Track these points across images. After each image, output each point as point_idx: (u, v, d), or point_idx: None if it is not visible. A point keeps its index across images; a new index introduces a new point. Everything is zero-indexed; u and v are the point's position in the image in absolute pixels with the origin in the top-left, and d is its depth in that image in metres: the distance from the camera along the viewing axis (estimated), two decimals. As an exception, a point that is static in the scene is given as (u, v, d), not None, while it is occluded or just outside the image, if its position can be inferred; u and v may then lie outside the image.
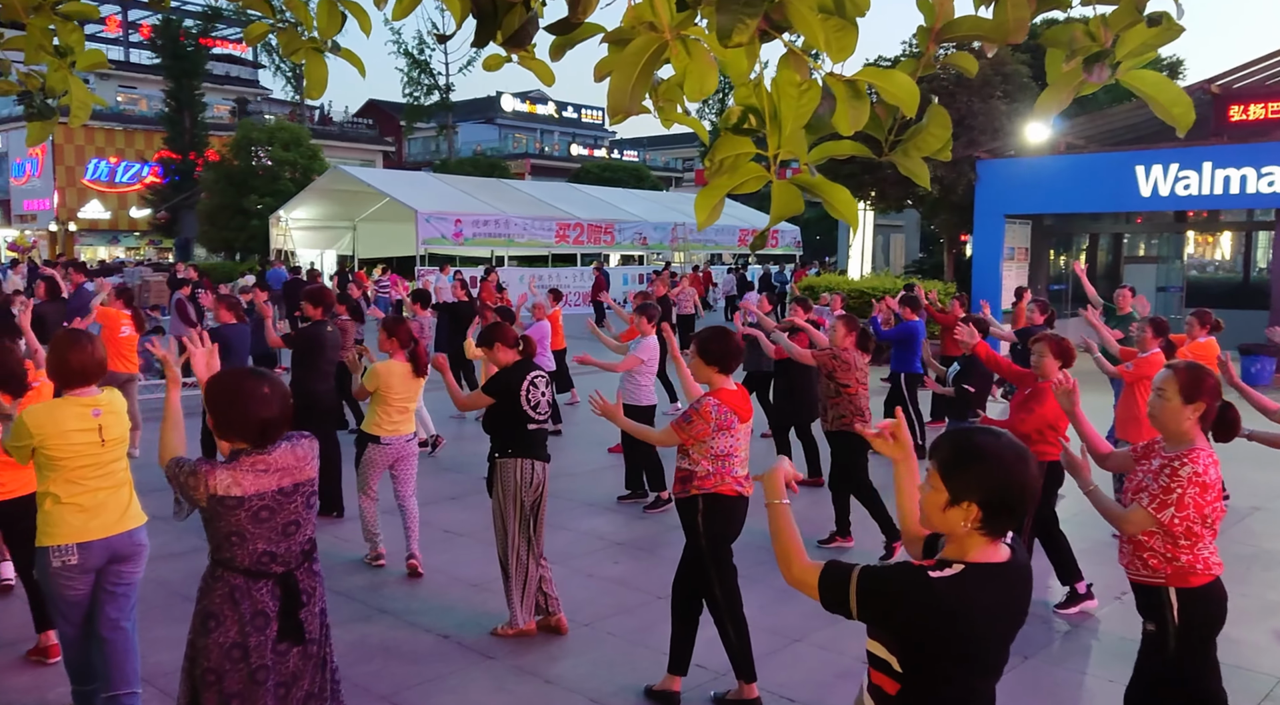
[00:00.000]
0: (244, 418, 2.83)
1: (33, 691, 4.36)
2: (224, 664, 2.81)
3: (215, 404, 2.88)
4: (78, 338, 3.81)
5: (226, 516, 2.82)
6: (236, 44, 49.10)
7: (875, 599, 2.04)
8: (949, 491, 2.03)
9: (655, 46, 1.31)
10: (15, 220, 45.16)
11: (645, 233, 30.40)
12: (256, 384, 2.87)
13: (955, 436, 2.13)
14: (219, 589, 2.85)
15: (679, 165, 65.16)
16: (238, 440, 2.87)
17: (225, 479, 2.79)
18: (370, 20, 2.10)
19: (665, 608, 5.44)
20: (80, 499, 3.70)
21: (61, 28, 2.08)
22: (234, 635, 2.82)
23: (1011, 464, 2.03)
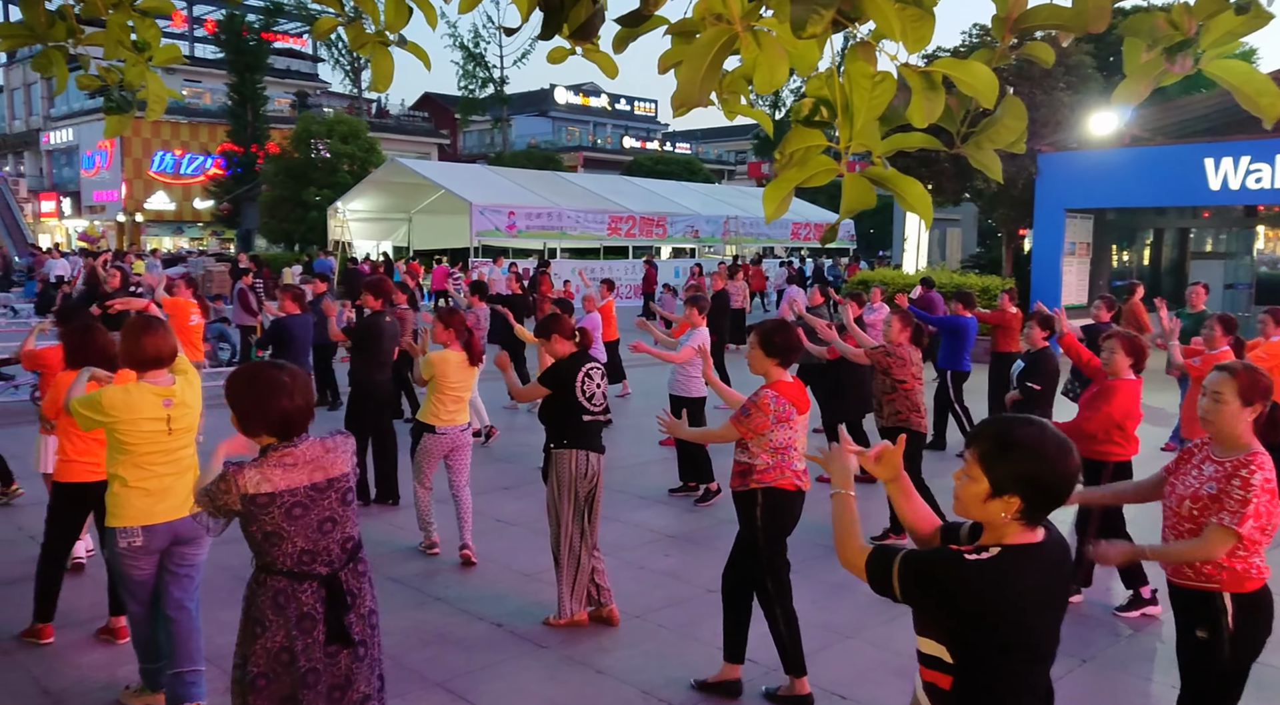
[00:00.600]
0: (265, 409, 2.79)
1: (104, 668, 4.50)
2: (274, 668, 2.78)
3: (236, 397, 2.85)
4: (151, 323, 3.89)
5: (260, 516, 2.76)
6: (297, 38, 49.99)
7: (915, 580, 2.05)
8: (990, 483, 2.02)
9: (725, 38, 1.30)
10: (85, 211, 46.58)
11: (697, 226, 30.30)
12: (276, 374, 2.84)
13: (996, 427, 2.10)
14: (264, 594, 2.81)
15: (732, 158, 64.84)
16: (262, 434, 2.84)
17: (254, 476, 2.75)
18: (435, 14, 2.11)
19: (716, 602, 5.44)
20: (147, 483, 3.81)
21: (139, 23, 2.13)
22: (281, 639, 2.78)
23: (1054, 456, 2.01)
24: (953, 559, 2.01)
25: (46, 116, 49.36)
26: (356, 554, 2.99)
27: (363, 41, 2.17)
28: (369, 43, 2.17)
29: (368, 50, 2.20)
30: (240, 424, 2.86)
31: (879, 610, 5.42)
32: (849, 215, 1.39)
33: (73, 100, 46.30)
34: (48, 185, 49.86)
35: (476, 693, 4.33)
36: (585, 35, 1.63)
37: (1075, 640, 4.94)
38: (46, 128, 49.27)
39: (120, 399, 3.75)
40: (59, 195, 48.79)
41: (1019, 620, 2.00)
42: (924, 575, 2.04)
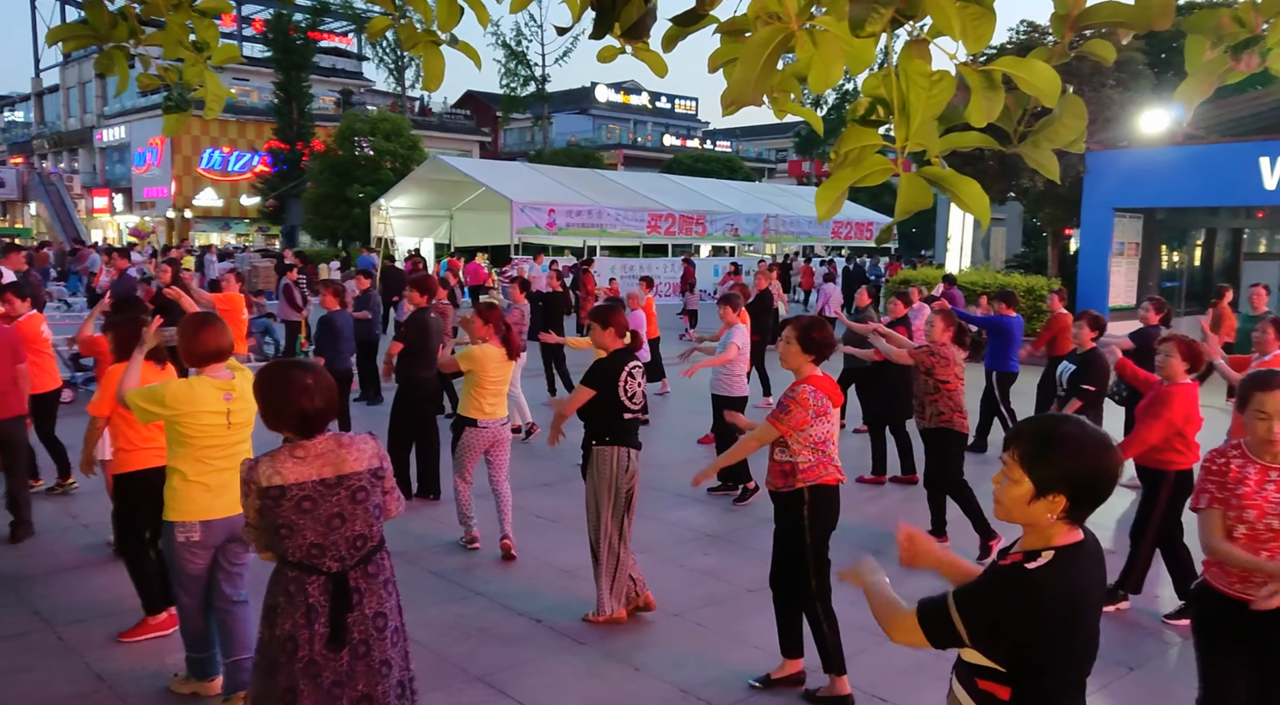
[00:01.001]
0: (287, 407, 2.87)
1: (154, 656, 4.60)
2: (279, 656, 2.84)
3: (262, 393, 2.93)
4: (208, 319, 3.93)
5: (274, 509, 2.82)
6: (342, 37, 50.59)
7: (984, 611, 2.00)
8: (1034, 483, 1.99)
9: (781, 37, 1.29)
10: (136, 207, 47.56)
11: (737, 224, 30.19)
12: (301, 375, 2.91)
13: (1036, 427, 2.07)
14: (279, 582, 2.90)
15: (772, 156, 64.52)
16: (284, 429, 2.92)
17: (267, 470, 2.83)
18: (487, 13, 2.13)
19: (755, 601, 5.44)
20: (206, 478, 3.86)
21: (198, 24, 2.18)
22: (289, 628, 2.84)
23: (1098, 453, 1.99)
24: (1013, 574, 1.98)
25: (100, 114, 50.47)
26: (371, 556, 2.98)
27: (414, 41, 2.19)
28: (420, 42, 2.19)
29: (419, 50, 2.22)
30: (265, 418, 2.95)
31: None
32: (905, 216, 1.38)
33: (125, 99, 47.27)
34: (100, 182, 50.98)
35: (516, 687, 4.36)
36: (637, 34, 1.63)
37: (1123, 648, 4.85)
38: (100, 125, 50.37)
39: (183, 392, 3.80)
40: (111, 191, 49.87)
41: (1077, 621, 1.99)
42: (992, 602, 2.00)
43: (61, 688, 4.27)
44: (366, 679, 2.91)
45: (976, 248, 26.79)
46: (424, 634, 4.89)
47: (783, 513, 4.32)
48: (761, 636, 4.98)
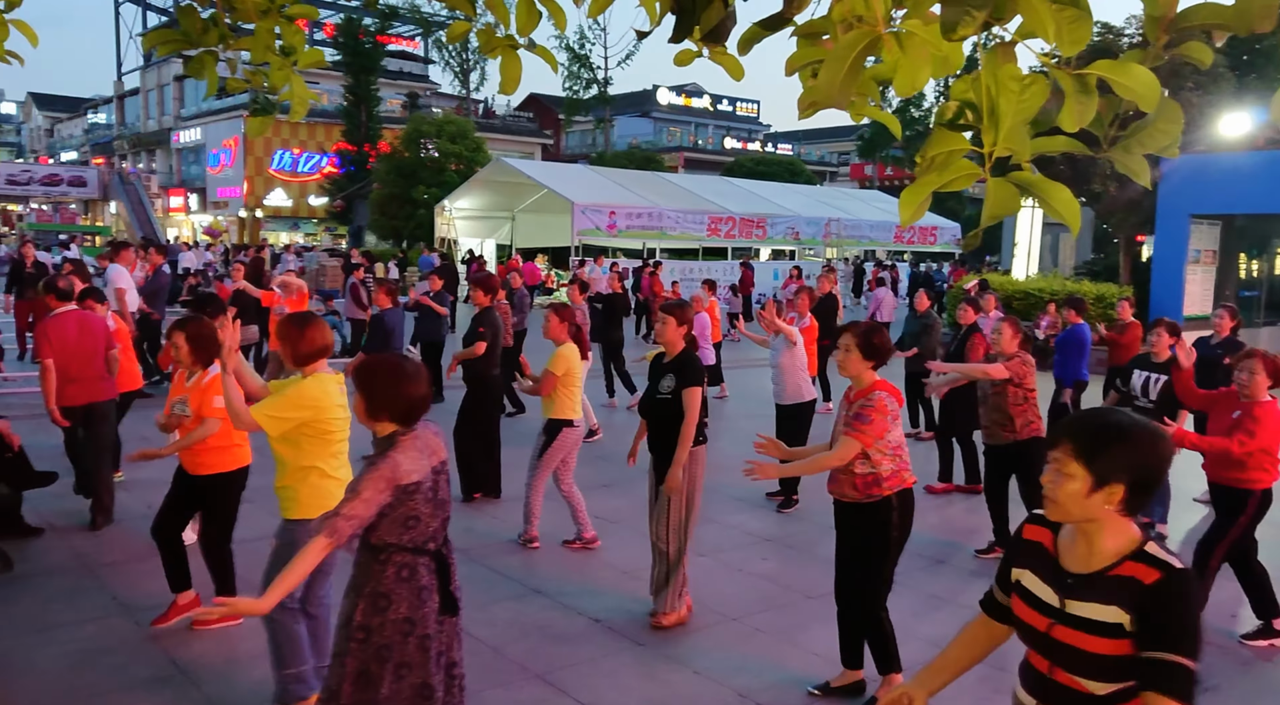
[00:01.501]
0: (398, 396, 2.96)
1: (224, 644, 4.73)
2: (395, 637, 2.96)
3: (374, 383, 2.98)
4: (311, 318, 3.93)
5: (407, 503, 2.94)
6: (410, 40, 51.45)
7: (1195, 620, 1.97)
8: (1093, 475, 1.96)
9: (867, 40, 1.29)
10: (210, 206, 48.98)
11: (798, 227, 29.98)
12: (408, 364, 3.07)
13: (1086, 420, 2.05)
14: (389, 571, 2.97)
15: (834, 159, 63.93)
16: (387, 420, 2.99)
17: (407, 466, 2.93)
18: (565, 17, 2.15)
19: (815, 607, 5.40)
20: (340, 473, 3.89)
21: (285, 29, 2.24)
22: (405, 611, 2.97)
23: (1153, 440, 1.99)
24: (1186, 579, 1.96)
25: (177, 117, 52.08)
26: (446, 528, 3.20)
27: (493, 45, 2.22)
28: (499, 46, 2.22)
29: (496, 54, 2.25)
30: (368, 408, 2.99)
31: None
32: (992, 222, 1.36)
33: (202, 101, 48.75)
34: (176, 182, 52.59)
35: (575, 686, 4.39)
36: (717, 38, 1.64)
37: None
38: (177, 127, 51.97)
39: (317, 390, 3.81)
40: (186, 191, 51.42)
41: None
42: (1194, 616, 1.97)
43: (140, 672, 4.42)
44: (453, 644, 3.15)
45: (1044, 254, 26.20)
46: (484, 631, 4.95)
47: (864, 522, 4.19)
48: (820, 643, 4.94)
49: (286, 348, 3.83)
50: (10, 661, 4.47)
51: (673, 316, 5.01)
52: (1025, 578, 2.20)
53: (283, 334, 3.85)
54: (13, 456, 6.07)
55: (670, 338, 5.02)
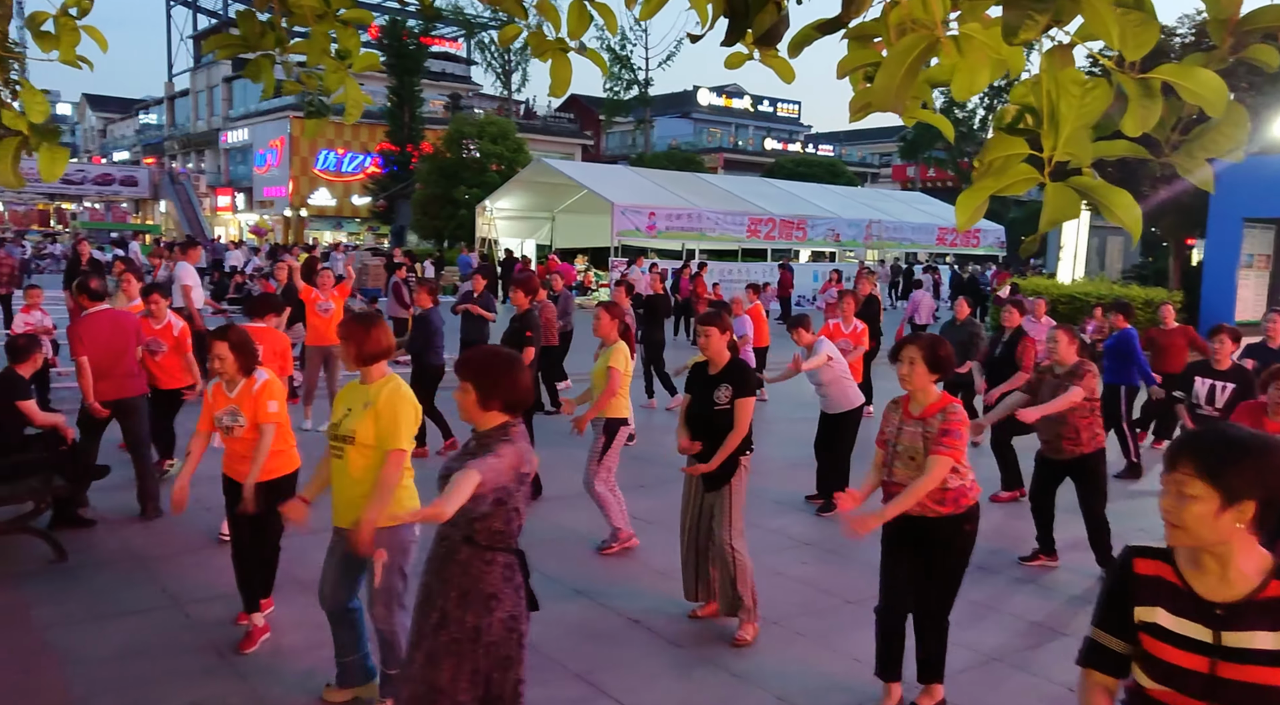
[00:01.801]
0: (514, 386, 3.04)
1: (269, 638, 4.81)
2: (504, 634, 3.05)
3: (491, 373, 3.04)
4: (376, 318, 3.90)
5: (515, 494, 3.02)
6: (452, 42, 51.92)
7: None
8: (1222, 493, 1.82)
9: (926, 43, 1.28)
10: (256, 206, 49.83)
11: (839, 229, 29.79)
12: (514, 355, 3.16)
13: (1209, 437, 1.91)
14: (495, 570, 3.04)
15: (876, 160, 63.42)
16: (498, 411, 3.05)
17: (528, 454, 3.02)
18: (616, 20, 2.16)
19: (854, 612, 5.36)
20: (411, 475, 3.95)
21: (341, 33, 2.28)
22: (509, 607, 3.05)
23: (1275, 449, 1.85)
24: None
25: (225, 117, 53.06)
26: None
27: (544, 48, 2.24)
28: (549, 50, 2.24)
29: (547, 57, 2.27)
30: (481, 399, 3.03)
31: (1026, 634, 5.21)
32: (1050, 227, 1.34)
33: (249, 102, 49.62)
34: (224, 181, 53.58)
35: (615, 686, 4.40)
36: (770, 41, 1.64)
37: None
38: (225, 128, 52.95)
39: (409, 391, 3.84)
40: (234, 191, 52.37)
41: None
42: None
43: (187, 662, 4.51)
44: None
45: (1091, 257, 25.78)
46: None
47: (946, 535, 4.08)
48: (860, 648, 4.90)
49: (352, 348, 3.78)
50: (64, 650, 4.59)
51: (715, 327, 4.95)
52: (1159, 616, 1.96)
53: (348, 334, 3.80)
54: (68, 450, 6.22)
55: (716, 349, 4.97)
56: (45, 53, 1.64)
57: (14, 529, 5.75)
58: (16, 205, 53.73)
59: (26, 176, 1.88)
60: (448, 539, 3.08)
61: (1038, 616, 5.48)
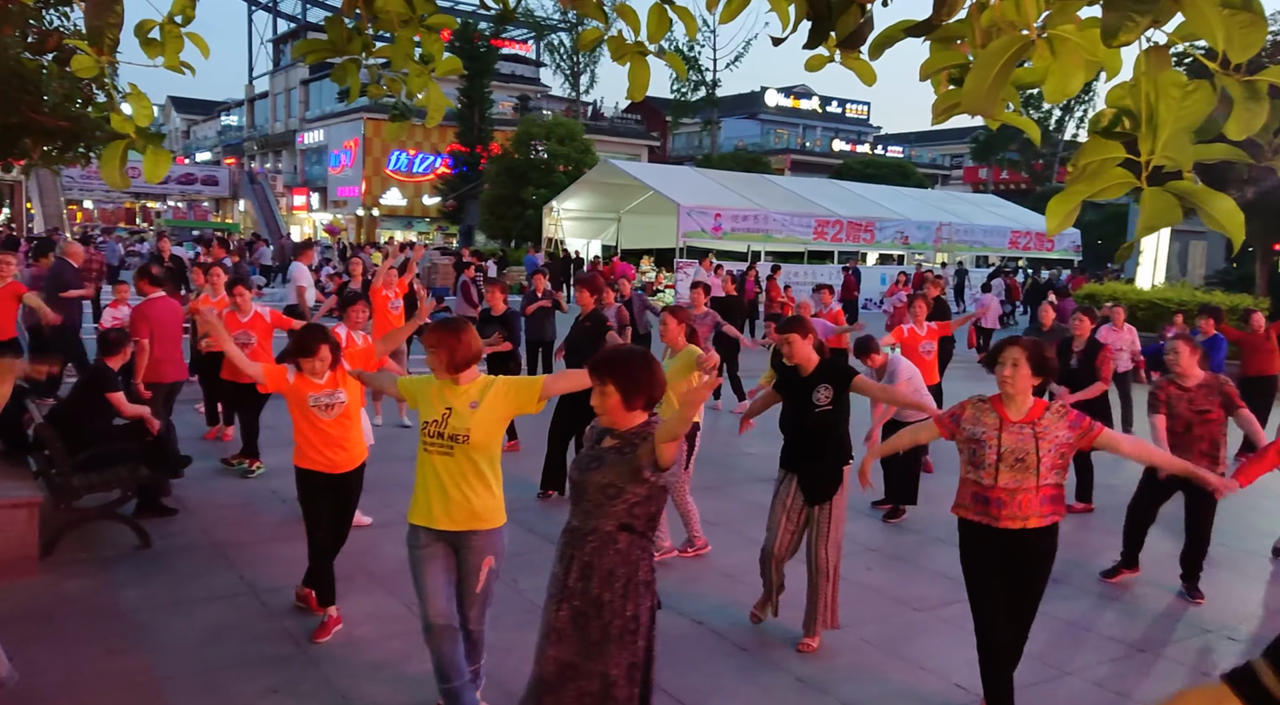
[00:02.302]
0: (655, 384, 3.12)
1: (342, 628, 4.92)
2: (648, 623, 3.15)
3: (633, 373, 3.10)
4: (465, 324, 3.87)
5: (669, 485, 3.13)
6: (522, 44, 52.49)
7: None
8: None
9: (1018, 46, 1.26)
10: (330, 205, 51.03)
11: (907, 231, 29.31)
12: (648, 352, 3.27)
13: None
14: (649, 559, 3.14)
15: (946, 162, 62.27)
16: (640, 409, 3.13)
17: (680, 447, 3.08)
18: (696, 24, 2.17)
19: (920, 620, 5.30)
20: None
21: (425, 38, 2.33)
22: (651, 599, 3.15)
23: None
24: None
25: (302, 119, 54.43)
26: None
27: (623, 52, 2.25)
28: (628, 53, 2.26)
29: (626, 60, 2.29)
30: (627, 400, 3.10)
31: (1106, 649, 5.07)
32: (1148, 233, 1.31)
33: (325, 104, 50.84)
34: (300, 181, 54.98)
35: (679, 688, 4.40)
36: (854, 44, 1.63)
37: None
38: (301, 129, 54.32)
39: None
40: (309, 190, 53.70)
41: None
42: None
43: (262, 649, 4.64)
44: None
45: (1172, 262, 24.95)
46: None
47: (1052, 544, 3.96)
48: (928, 657, 4.83)
49: (444, 355, 3.72)
50: (148, 632, 4.76)
51: (795, 333, 4.86)
52: None
53: (438, 342, 3.73)
54: (152, 440, 6.45)
55: (804, 354, 4.88)
56: (150, 59, 1.72)
57: (102, 515, 5.98)
58: (105, 204, 55.93)
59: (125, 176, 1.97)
60: (596, 531, 3.11)
61: (1115, 631, 5.34)
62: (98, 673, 4.31)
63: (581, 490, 3.14)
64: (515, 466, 7.02)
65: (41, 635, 4.66)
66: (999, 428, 3.91)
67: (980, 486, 3.92)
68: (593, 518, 3.10)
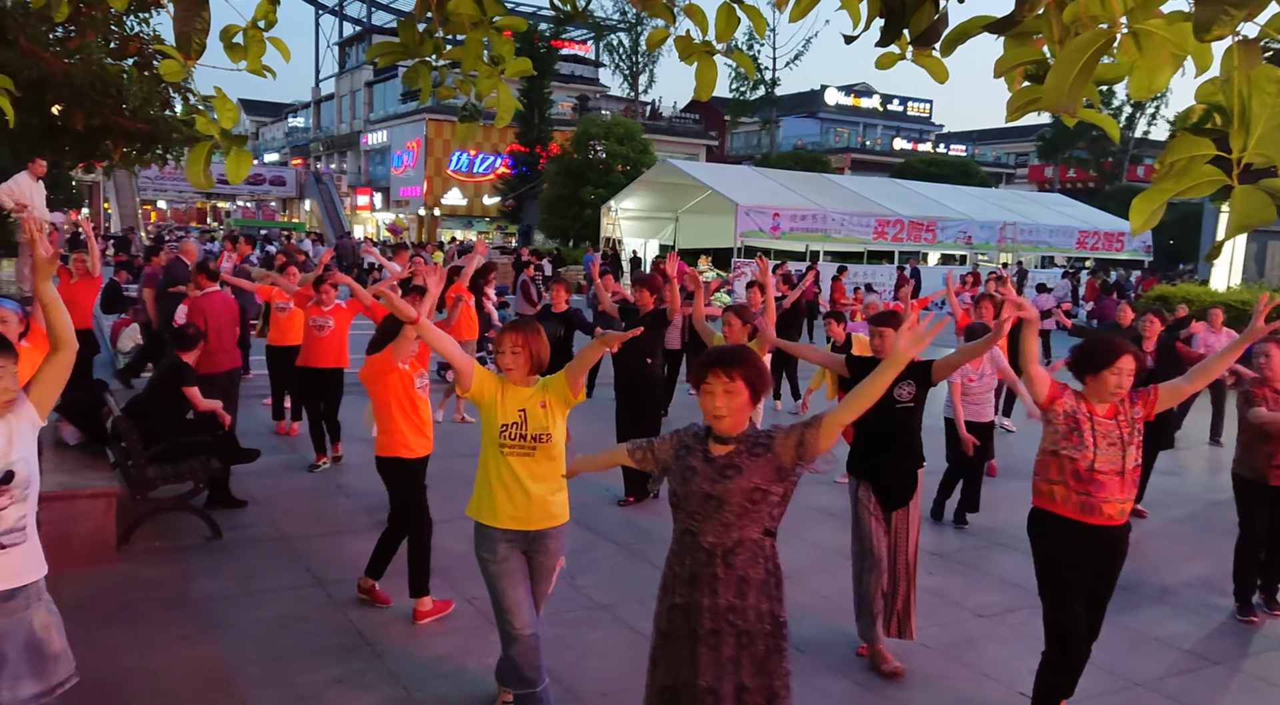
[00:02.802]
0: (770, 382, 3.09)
1: (405, 618, 5.01)
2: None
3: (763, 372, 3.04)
4: (537, 326, 3.90)
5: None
6: (581, 45, 52.77)
7: None
8: None
9: (1103, 41, 1.23)
10: (393, 205, 51.89)
11: (970, 231, 28.80)
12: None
13: None
14: (775, 554, 3.04)
15: (1011, 160, 60.98)
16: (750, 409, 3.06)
17: None
18: (765, 22, 2.17)
19: (983, 627, 5.21)
20: None
21: (495, 40, 2.36)
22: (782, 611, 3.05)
23: None
24: None
25: (366, 120, 55.43)
26: None
27: (690, 52, 2.26)
28: (695, 53, 2.26)
29: (693, 60, 2.29)
30: (754, 397, 2.99)
31: (1170, 658, 4.93)
32: (1239, 232, 1.27)
33: (388, 105, 51.71)
34: (363, 181, 56.00)
35: (736, 687, 4.39)
36: (928, 41, 1.61)
37: None
38: (365, 130, 55.32)
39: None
40: (372, 190, 54.68)
41: None
42: None
43: (328, 639, 4.74)
44: None
45: (1249, 263, 24.11)
46: (646, 625, 5.01)
47: (1122, 548, 3.94)
48: (991, 664, 4.75)
49: (526, 357, 3.76)
50: (220, 619, 4.90)
51: (890, 327, 4.78)
52: None
53: (523, 344, 3.76)
54: (224, 434, 6.63)
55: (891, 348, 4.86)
56: (234, 63, 1.78)
57: (176, 506, 6.17)
58: (178, 204, 57.72)
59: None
60: (744, 542, 2.93)
61: (1187, 643, 5.18)
62: (173, 659, 4.45)
63: (720, 502, 2.91)
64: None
65: (122, 619, 4.83)
66: (1090, 420, 3.84)
67: (1084, 468, 3.78)
68: (734, 528, 2.92)
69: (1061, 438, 3.83)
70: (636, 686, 4.35)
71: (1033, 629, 5.22)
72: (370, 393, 5.04)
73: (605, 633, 4.92)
